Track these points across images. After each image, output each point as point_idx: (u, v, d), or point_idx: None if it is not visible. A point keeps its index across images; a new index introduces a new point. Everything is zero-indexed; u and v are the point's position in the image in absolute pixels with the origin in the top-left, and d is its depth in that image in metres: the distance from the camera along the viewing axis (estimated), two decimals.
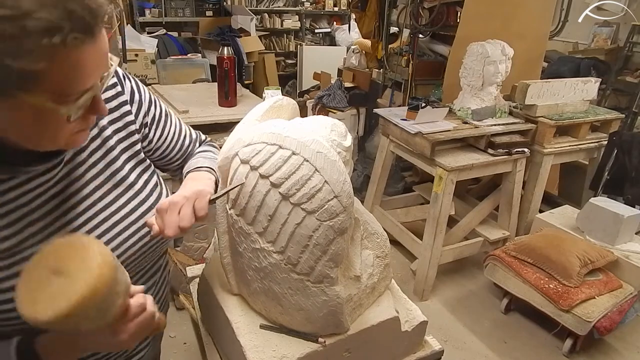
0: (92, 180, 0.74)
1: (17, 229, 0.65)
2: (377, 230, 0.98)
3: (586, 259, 2.15)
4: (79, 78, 0.55)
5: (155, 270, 0.90)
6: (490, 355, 2.18)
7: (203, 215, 0.75)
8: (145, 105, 0.84)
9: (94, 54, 0.55)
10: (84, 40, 0.52)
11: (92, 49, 0.54)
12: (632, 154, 2.56)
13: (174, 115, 0.95)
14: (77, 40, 0.51)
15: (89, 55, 0.54)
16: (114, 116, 0.78)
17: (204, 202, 0.76)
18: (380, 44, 3.70)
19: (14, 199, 0.64)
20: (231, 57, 2.35)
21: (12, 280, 0.63)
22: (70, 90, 0.55)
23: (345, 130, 0.88)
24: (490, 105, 2.53)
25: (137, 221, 0.77)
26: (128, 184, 0.78)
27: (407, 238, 2.66)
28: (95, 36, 0.54)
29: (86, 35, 0.53)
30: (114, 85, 0.78)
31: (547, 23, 3.01)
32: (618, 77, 3.89)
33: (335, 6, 6.73)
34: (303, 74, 5.94)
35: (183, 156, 0.95)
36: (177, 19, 5.27)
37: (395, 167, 3.22)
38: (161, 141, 0.89)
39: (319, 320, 0.84)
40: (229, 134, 0.93)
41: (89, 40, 0.53)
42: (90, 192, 0.74)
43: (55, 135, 0.60)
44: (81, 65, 0.54)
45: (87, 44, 0.53)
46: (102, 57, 0.58)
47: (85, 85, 0.56)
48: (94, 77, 0.57)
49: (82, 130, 0.64)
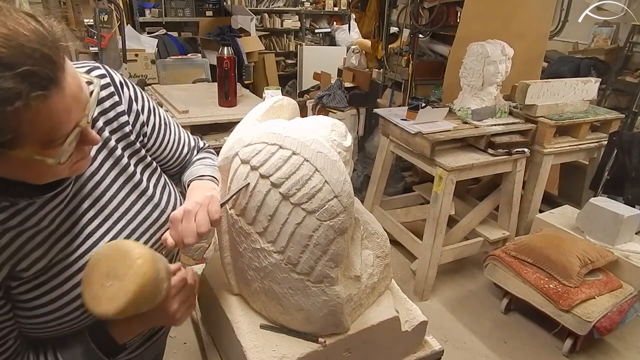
0: (107, 189, 0.77)
1: (46, 248, 0.68)
2: (377, 230, 0.98)
3: (586, 259, 2.15)
4: (56, 126, 0.55)
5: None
6: (490, 355, 2.18)
7: (218, 219, 0.77)
8: (144, 114, 0.84)
9: (64, 99, 0.55)
10: (48, 94, 0.52)
11: (60, 96, 0.54)
12: (632, 154, 2.56)
13: (173, 121, 0.95)
14: (40, 97, 0.51)
15: (59, 103, 0.54)
16: (113, 127, 0.79)
17: (217, 206, 0.78)
18: (380, 44, 3.70)
19: (36, 223, 0.67)
20: (231, 57, 2.35)
21: (55, 291, 0.69)
22: (52, 137, 0.56)
23: (345, 130, 0.88)
24: (490, 105, 2.53)
25: (152, 226, 0.81)
26: (142, 189, 0.81)
27: (407, 238, 2.66)
28: (59, 82, 0.54)
29: (49, 88, 0.52)
30: (111, 95, 0.78)
31: (547, 23, 3.01)
32: (618, 77, 3.89)
33: (335, 6, 6.73)
34: (303, 74, 5.94)
35: (181, 163, 0.97)
36: (177, 19, 5.27)
37: (395, 167, 3.22)
38: (160, 150, 0.90)
39: (319, 320, 0.84)
40: (229, 134, 0.93)
41: (54, 90, 0.53)
42: (107, 201, 0.77)
43: (54, 173, 0.63)
44: (54, 115, 0.54)
45: (53, 95, 0.53)
46: (74, 96, 0.57)
47: (66, 129, 0.57)
48: (72, 118, 0.57)
49: (81, 159, 0.66)
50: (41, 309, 0.68)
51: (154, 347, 0.94)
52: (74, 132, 0.58)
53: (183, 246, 0.75)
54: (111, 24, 3.10)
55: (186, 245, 0.75)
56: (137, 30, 4.58)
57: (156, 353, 0.99)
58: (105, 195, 0.76)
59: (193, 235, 0.74)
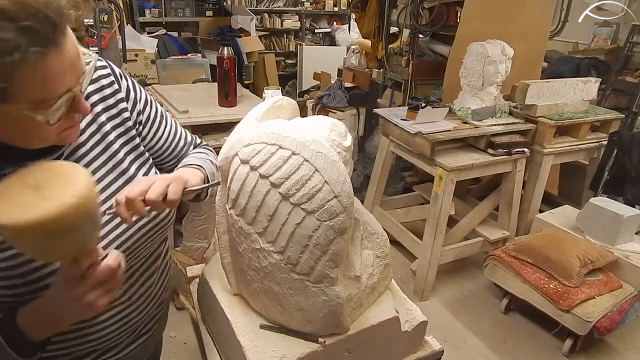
0: (95, 172, 0.76)
1: None
2: (377, 230, 0.98)
3: (586, 259, 2.15)
4: (50, 86, 0.57)
5: (156, 257, 0.91)
6: (490, 355, 2.18)
7: (173, 200, 0.73)
8: (140, 104, 0.86)
9: (61, 61, 0.57)
10: (46, 51, 0.54)
11: (58, 57, 0.56)
12: (632, 154, 2.56)
13: (170, 117, 0.96)
14: (38, 53, 0.53)
15: (55, 63, 0.56)
16: (112, 113, 0.80)
17: (178, 186, 0.74)
18: (380, 44, 3.70)
19: None
20: (231, 57, 2.35)
21: (25, 266, 0.66)
22: (43, 98, 0.57)
23: (345, 130, 0.88)
24: (490, 105, 2.53)
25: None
26: (128, 177, 0.80)
27: (407, 238, 2.66)
28: (59, 44, 0.56)
29: (47, 46, 0.54)
30: (112, 84, 0.80)
31: (547, 23, 3.01)
32: (618, 77, 3.89)
33: (335, 6, 6.72)
34: (303, 74, 5.94)
35: (177, 157, 0.96)
36: (177, 19, 5.27)
37: (395, 167, 3.22)
38: (155, 140, 0.90)
39: (319, 320, 0.84)
40: (229, 134, 0.93)
41: (52, 48, 0.55)
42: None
43: (41, 136, 0.63)
44: (49, 74, 0.56)
45: (51, 53, 0.55)
46: (71, 62, 0.59)
47: (58, 91, 0.58)
48: (66, 82, 0.59)
49: (69, 127, 0.66)
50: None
51: (143, 349, 0.94)
52: (65, 96, 0.59)
53: (125, 207, 0.69)
54: (111, 24, 3.10)
55: (128, 198, 0.68)
56: (137, 30, 4.58)
57: (148, 354, 0.99)
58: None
59: (137, 193, 0.69)
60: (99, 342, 0.81)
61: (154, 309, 0.92)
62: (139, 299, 0.86)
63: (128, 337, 0.87)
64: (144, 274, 0.87)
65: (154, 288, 0.90)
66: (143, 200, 0.70)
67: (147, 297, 0.88)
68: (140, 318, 0.87)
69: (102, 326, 0.79)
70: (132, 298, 0.84)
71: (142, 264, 0.86)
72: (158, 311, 0.95)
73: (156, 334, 0.99)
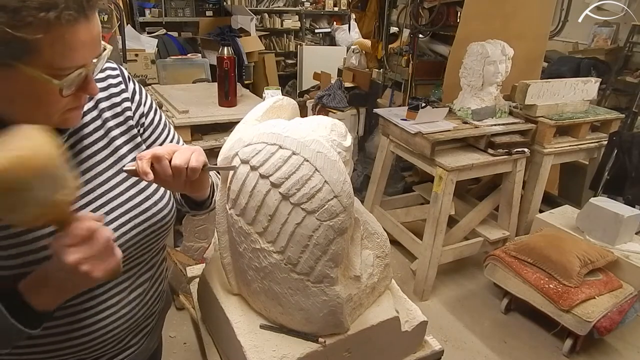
0: (95, 165, 0.77)
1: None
2: (377, 230, 0.98)
3: (586, 259, 2.15)
4: (71, 54, 0.59)
5: (150, 266, 0.88)
6: (490, 355, 2.18)
7: (195, 167, 0.71)
8: (144, 107, 0.86)
9: (87, 34, 0.60)
10: (78, 18, 0.58)
11: (85, 29, 0.60)
12: (632, 154, 2.56)
13: (173, 129, 0.96)
14: (70, 17, 0.56)
15: (81, 33, 0.59)
16: (116, 110, 0.81)
17: (200, 157, 0.73)
18: (380, 44, 3.70)
19: None
20: (231, 57, 2.35)
21: (24, 256, 0.67)
22: (63, 64, 0.59)
23: (345, 130, 0.88)
24: (490, 105, 2.53)
25: (133, 209, 0.79)
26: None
27: (407, 238, 2.66)
28: (89, 17, 0.60)
29: (79, 14, 0.58)
30: (119, 84, 0.82)
31: (547, 23, 3.02)
32: (618, 77, 3.90)
33: (335, 6, 6.72)
34: (303, 74, 5.94)
35: None
36: (177, 19, 5.27)
37: (395, 167, 3.22)
38: (155, 145, 0.89)
39: (319, 320, 0.84)
40: (229, 134, 0.93)
41: (83, 19, 0.59)
42: (92, 177, 0.76)
43: (48, 110, 0.64)
44: (74, 42, 0.59)
45: (80, 22, 0.58)
46: (94, 39, 0.62)
47: (78, 62, 0.61)
48: (86, 55, 0.62)
49: (74, 108, 0.68)
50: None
51: (142, 351, 0.92)
52: (81, 69, 0.62)
53: (147, 163, 0.68)
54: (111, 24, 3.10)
55: (158, 165, 0.68)
56: (137, 30, 4.58)
57: (146, 355, 0.96)
58: (92, 171, 0.76)
59: (166, 153, 0.69)
60: (83, 350, 0.78)
61: (142, 319, 0.87)
62: (126, 307, 0.82)
63: (113, 349, 0.83)
64: (135, 281, 0.84)
65: (144, 297, 0.86)
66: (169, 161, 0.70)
67: (135, 305, 0.84)
68: (127, 327, 0.84)
69: (87, 331, 0.77)
70: (119, 303, 0.80)
71: (135, 272, 0.83)
72: (147, 324, 0.91)
73: (143, 349, 0.93)
